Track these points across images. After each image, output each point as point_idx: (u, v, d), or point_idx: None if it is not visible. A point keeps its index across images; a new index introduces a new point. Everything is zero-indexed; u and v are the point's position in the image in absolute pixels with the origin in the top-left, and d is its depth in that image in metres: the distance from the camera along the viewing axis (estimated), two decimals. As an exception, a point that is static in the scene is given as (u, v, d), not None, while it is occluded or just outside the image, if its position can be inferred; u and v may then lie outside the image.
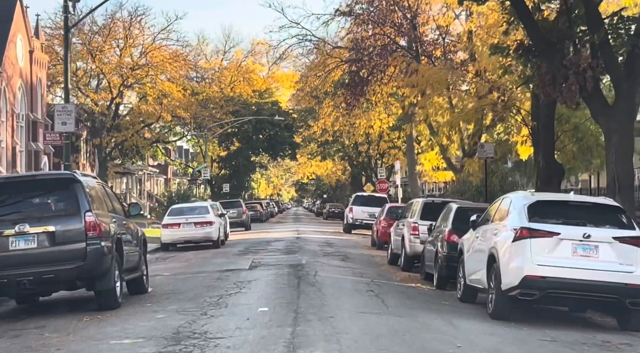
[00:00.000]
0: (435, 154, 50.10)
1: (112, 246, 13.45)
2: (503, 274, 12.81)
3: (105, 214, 13.87)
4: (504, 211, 13.80)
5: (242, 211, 49.26)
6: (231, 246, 32.16)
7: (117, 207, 15.28)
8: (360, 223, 43.72)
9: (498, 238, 13.32)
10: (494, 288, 13.18)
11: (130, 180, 75.84)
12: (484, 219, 14.93)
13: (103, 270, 13.15)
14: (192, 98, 63.47)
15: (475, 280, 14.59)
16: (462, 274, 15.51)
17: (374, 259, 26.76)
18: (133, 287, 15.72)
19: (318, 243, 33.51)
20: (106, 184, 15.72)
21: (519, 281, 12.54)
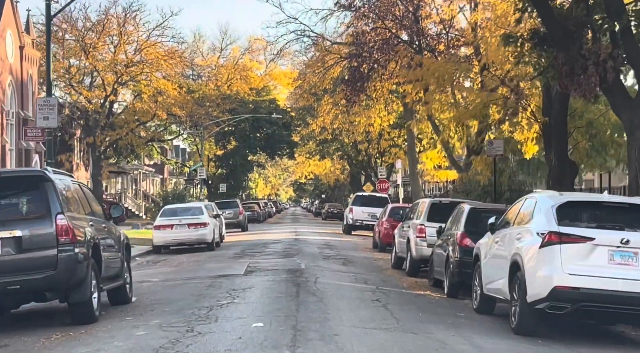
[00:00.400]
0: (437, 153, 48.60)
1: (88, 253, 11.90)
2: (529, 284, 11.28)
3: (81, 217, 12.33)
4: (528, 213, 12.27)
5: (238, 212, 47.70)
6: (226, 249, 30.62)
7: (95, 209, 13.74)
8: (361, 223, 42.20)
9: (522, 244, 11.79)
10: (517, 299, 11.65)
11: (126, 180, 74.25)
12: (504, 221, 13.39)
13: (77, 280, 11.60)
14: (188, 96, 61.91)
15: (494, 290, 13.05)
16: (479, 282, 13.97)
17: (377, 263, 25.22)
18: (114, 297, 14.18)
19: (317, 245, 31.98)
20: (84, 183, 14.14)
21: (547, 293, 11.01)
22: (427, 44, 35.20)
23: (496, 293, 12.97)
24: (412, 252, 21.24)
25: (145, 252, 29.69)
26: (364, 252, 29.79)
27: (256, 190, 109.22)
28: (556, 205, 11.55)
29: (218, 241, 32.06)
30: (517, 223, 12.70)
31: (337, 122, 48.83)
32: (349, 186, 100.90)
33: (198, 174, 54.88)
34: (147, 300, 14.78)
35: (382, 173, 51.77)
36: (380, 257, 27.21)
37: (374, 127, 49.34)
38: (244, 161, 66.03)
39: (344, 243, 34.90)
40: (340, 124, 48.94)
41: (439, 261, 17.60)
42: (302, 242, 33.63)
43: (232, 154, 65.97)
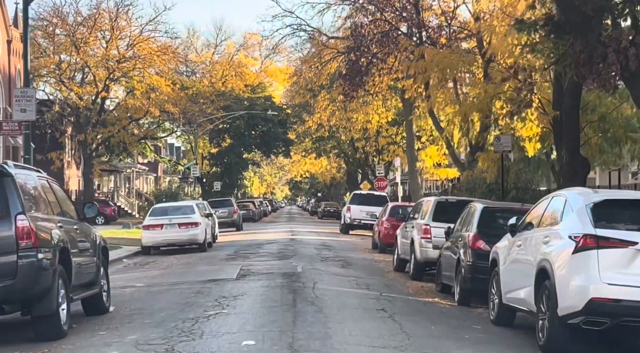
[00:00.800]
0: (437, 150, 47.11)
1: (55, 259, 10.34)
2: (560, 295, 9.75)
3: (47, 218, 10.76)
4: (557, 213, 10.74)
5: (233, 211, 46.12)
6: (219, 250, 29.06)
7: (67, 208, 12.17)
8: (359, 223, 40.67)
9: (551, 248, 10.25)
10: (546, 312, 10.12)
11: (119, 178, 72.62)
12: (526, 223, 11.86)
13: (41, 290, 10.03)
14: (181, 93, 60.35)
15: (515, 300, 11.52)
16: (496, 290, 12.44)
17: (378, 265, 23.68)
18: (89, 307, 12.63)
19: (314, 245, 30.44)
20: (54, 180, 12.55)
21: (583, 306, 9.48)
22: (428, 37, 33.65)
23: (518, 304, 11.44)
24: (417, 254, 19.73)
25: (133, 253, 28.12)
26: (363, 253, 28.26)
27: (251, 189, 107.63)
28: (591, 204, 10.02)
29: (210, 241, 30.51)
30: (542, 224, 11.17)
31: (334, 119, 47.28)
32: (345, 185, 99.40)
33: (192, 173, 53.26)
34: (126, 310, 13.23)
35: (380, 171, 50.24)
36: (381, 259, 25.68)
37: (372, 124, 47.82)
38: (238, 159, 64.41)
39: (342, 243, 33.38)
40: (337, 121, 47.39)
41: (448, 265, 16.07)
42: (299, 242, 32.10)
43: (227, 152, 64.37)
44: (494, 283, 12.65)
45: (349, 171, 75.81)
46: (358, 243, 34.16)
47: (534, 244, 11.01)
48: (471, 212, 15.68)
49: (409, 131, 46.65)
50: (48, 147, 55.41)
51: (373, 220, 40.37)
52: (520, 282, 11.24)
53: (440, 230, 19.45)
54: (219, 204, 46.46)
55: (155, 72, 59.41)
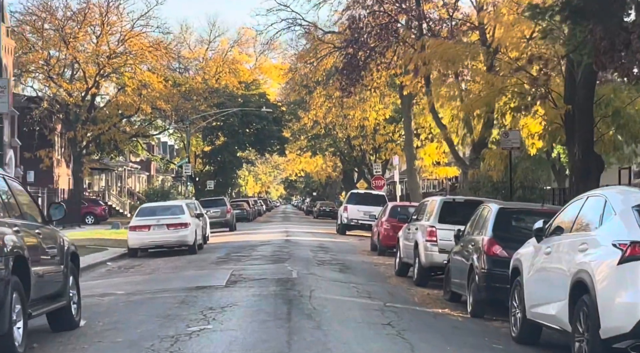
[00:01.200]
0: (437, 148, 45.62)
1: (8, 269, 8.74)
2: (603, 314, 8.21)
3: (0, 221, 9.17)
4: (594, 216, 9.20)
5: (226, 210, 44.53)
6: (210, 252, 27.50)
7: (29, 211, 10.58)
8: (356, 223, 39.14)
9: (589, 257, 8.70)
10: (584, 333, 8.58)
11: (110, 177, 71.00)
12: (555, 227, 10.32)
13: (-11, 307, 8.46)
14: (174, 90, 58.68)
15: (544, 316, 9.97)
16: (519, 303, 10.91)
17: (378, 269, 22.14)
18: (56, 321, 11.07)
19: (310, 247, 28.88)
20: (13, 177, 10.94)
21: (632, 327, 7.94)
22: (429, 29, 32.10)
23: (547, 321, 9.90)
24: (421, 258, 18.20)
25: (119, 256, 26.53)
26: (362, 256, 26.71)
27: (246, 188, 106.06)
28: (638, 206, 8.48)
29: (201, 243, 28.94)
30: (576, 229, 9.63)
31: (330, 116, 45.74)
32: (341, 184, 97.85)
33: (184, 171, 51.65)
34: (99, 324, 11.66)
35: (377, 170, 48.71)
36: (381, 262, 24.14)
37: (369, 122, 46.26)
38: (232, 158, 62.77)
39: (339, 244, 31.83)
40: (334, 118, 45.81)
41: (459, 272, 14.53)
42: (294, 244, 30.54)
43: (221, 150, 62.75)
44: (515, 295, 11.12)
45: (345, 169, 74.29)
46: (356, 244, 32.63)
47: (567, 251, 9.46)
48: (484, 214, 14.13)
49: (407, 128, 45.18)
50: (36, 145, 53.69)
51: (371, 220, 38.84)
52: (550, 295, 9.71)
53: (446, 232, 17.98)
54: (212, 204, 44.89)
55: (147, 68, 57.86)
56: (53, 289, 10.55)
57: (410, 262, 19.63)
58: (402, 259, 20.36)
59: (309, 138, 60.63)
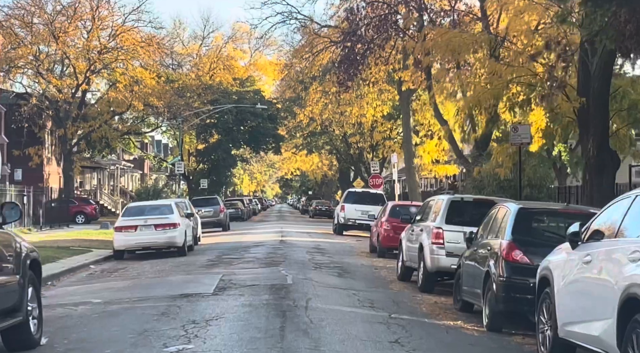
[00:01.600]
0: (436, 146, 44.12)
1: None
2: (665, 338, 6.67)
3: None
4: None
5: (219, 210, 42.93)
6: (200, 253, 25.92)
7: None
8: (354, 223, 37.61)
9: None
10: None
11: (102, 175, 69.36)
12: (594, 230, 8.77)
13: None
14: (166, 86, 57.04)
15: (582, 336, 8.42)
16: (548, 319, 9.36)
17: (379, 273, 20.60)
18: (12, 340, 9.50)
19: (306, 248, 27.33)
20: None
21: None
22: (430, 20, 30.55)
23: (587, 342, 8.34)
24: (427, 262, 16.66)
25: (104, 258, 24.94)
26: (360, 258, 25.16)
27: (241, 187, 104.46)
28: None
29: (191, 244, 27.35)
30: (622, 234, 8.08)
31: (327, 112, 44.16)
32: (337, 183, 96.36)
33: (176, 169, 50.02)
34: (63, 342, 10.09)
35: (375, 168, 47.17)
36: (382, 265, 22.59)
37: (367, 118, 44.71)
38: (226, 156, 61.10)
39: (337, 245, 30.27)
40: (330, 115, 44.23)
41: (472, 280, 12.99)
42: (289, 245, 28.97)
43: (214, 148, 61.10)
44: (544, 309, 9.56)
45: (341, 168, 72.81)
46: (354, 245, 31.07)
47: (612, 261, 7.91)
48: (501, 214, 12.58)
49: (406, 125, 43.72)
50: (25, 142, 52.08)
51: (369, 220, 37.32)
52: (591, 312, 8.16)
53: (454, 234, 16.49)
54: (204, 203, 43.34)
55: (140, 64, 56.29)
56: (6, 303, 8.97)
57: (414, 266, 18.10)
58: (405, 262, 18.82)
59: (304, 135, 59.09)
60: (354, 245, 31.45)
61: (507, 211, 12.30)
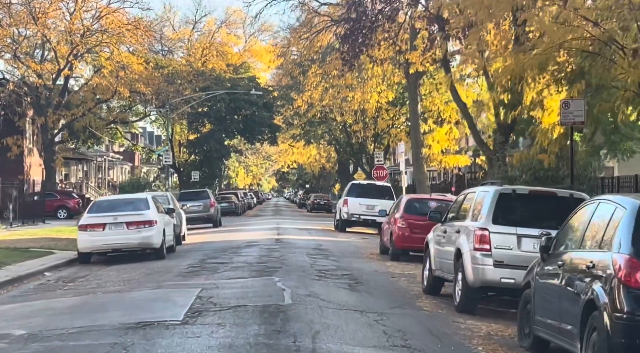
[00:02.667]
0: (446, 134, 40.02)
1: None
2: None
3: None
4: None
5: (209, 204, 38.62)
6: (182, 256, 21.67)
7: None
8: (358, 219, 33.38)
9: None
10: None
11: (89, 168, 65.03)
12: None
13: None
14: (155, 72, 52.67)
15: None
16: None
17: (398, 282, 16.38)
18: None
19: (306, 249, 23.09)
20: None
21: None
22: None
23: None
24: (468, 274, 12.49)
25: (66, 262, 20.69)
26: (371, 261, 20.92)
27: (236, 180, 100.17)
28: None
29: (172, 244, 23.08)
30: None
31: (327, 98, 39.85)
32: (335, 175, 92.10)
33: (164, 160, 45.65)
34: None
35: (379, 159, 42.91)
36: (399, 271, 18.37)
37: (370, 105, 40.41)
38: (219, 146, 56.69)
39: (340, 245, 26.02)
40: (331, 100, 39.89)
41: (556, 309, 8.76)
42: (286, 245, 24.71)
43: (206, 138, 56.70)
44: None
45: (340, 160, 68.49)
46: (360, 245, 26.81)
47: None
48: (605, 215, 8.32)
49: (413, 111, 39.47)
50: (3, 131, 47.72)
51: (375, 216, 33.21)
52: None
53: (505, 238, 12.44)
54: (193, 197, 39.11)
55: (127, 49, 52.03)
56: None
57: (446, 277, 13.93)
58: (434, 272, 14.59)
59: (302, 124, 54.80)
60: (360, 244, 27.22)
61: (618, 210, 8.04)
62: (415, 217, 21.31)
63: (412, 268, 18.80)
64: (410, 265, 19.72)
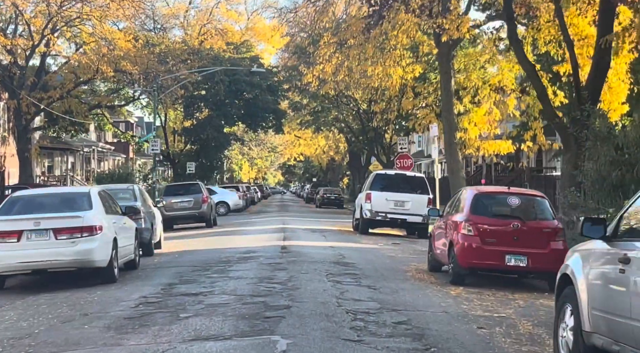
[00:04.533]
0: (486, 114, 32.63)
1: None
2: None
3: None
4: None
5: (201, 199, 31.17)
6: (143, 278, 14.38)
7: None
8: (384, 218, 25.97)
9: None
10: None
11: (76, 159, 57.67)
12: None
13: None
14: (145, 50, 45.27)
15: None
16: None
17: (499, 342, 8.92)
18: None
19: (325, 266, 15.73)
20: None
21: None
22: None
23: None
24: None
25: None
26: (424, 286, 13.51)
27: (240, 173, 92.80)
28: None
29: (133, 258, 15.76)
30: None
31: (342, 73, 32.41)
32: (345, 168, 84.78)
33: (150, 148, 38.26)
34: None
35: (402, 145, 35.49)
36: (480, 311, 10.99)
37: (393, 81, 32.96)
38: (218, 134, 49.22)
39: (369, 255, 18.64)
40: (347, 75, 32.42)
41: None
42: (296, 258, 17.31)
43: (203, 125, 49.18)
44: None
45: (352, 150, 61.12)
46: (395, 254, 19.35)
47: None
48: None
49: (446, 88, 32.19)
50: (-31, 116, 40.56)
51: (406, 214, 25.91)
52: None
53: None
54: (182, 190, 31.78)
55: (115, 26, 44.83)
56: None
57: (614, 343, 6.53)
58: (593, 335, 7.18)
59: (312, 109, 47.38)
60: (394, 253, 19.82)
61: None
62: (488, 220, 13.96)
63: (498, 305, 11.47)
64: (486, 296, 12.43)
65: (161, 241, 20.55)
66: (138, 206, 17.98)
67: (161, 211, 31.35)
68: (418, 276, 15.04)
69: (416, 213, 25.69)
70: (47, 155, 53.47)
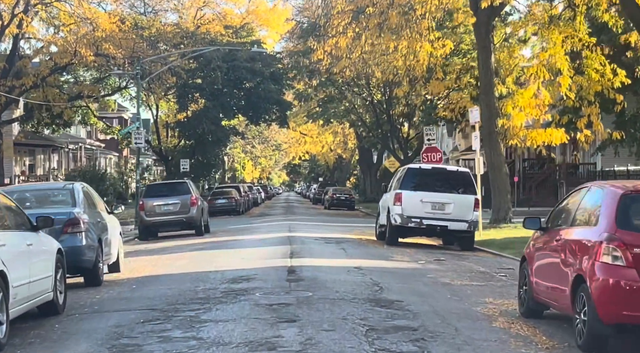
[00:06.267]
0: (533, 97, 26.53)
1: None
2: None
3: None
4: None
5: (189, 202, 24.91)
6: (49, 342, 8.19)
7: None
8: (419, 224, 19.76)
9: None
10: None
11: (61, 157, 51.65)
12: None
13: None
14: (132, 33, 39.25)
15: None
16: None
17: None
18: None
19: (355, 305, 9.62)
20: None
21: None
22: None
23: None
24: None
25: None
26: (535, 351, 7.35)
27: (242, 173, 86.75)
28: None
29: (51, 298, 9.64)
30: None
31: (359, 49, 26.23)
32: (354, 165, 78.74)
33: (134, 141, 32.15)
34: None
35: (430, 136, 29.32)
36: None
37: (421, 59, 26.79)
38: (215, 128, 43.09)
39: (416, 283, 12.50)
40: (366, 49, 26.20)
41: None
42: (310, 291, 11.13)
43: (199, 118, 43.02)
44: None
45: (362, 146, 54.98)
46: (452, 283, 13.07)
47: None
48: None
49: (485, 66, 26.31)
50: None
51: (446, 220, 19.81)
52: None
53: None
54: (166, 191, 25.65)
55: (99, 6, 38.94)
56: None
57: None
58: None
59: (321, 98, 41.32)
60: (445, 276, 13.66)
61: None
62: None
63: None
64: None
65: (119, 262, 14.43)
66: (77, 214, 11.86)
67: (141, 217, 25.54)
68: (514, 329, 8.91)
69: (460, 219, 19.62)
70: (28, 152, 47.52)
